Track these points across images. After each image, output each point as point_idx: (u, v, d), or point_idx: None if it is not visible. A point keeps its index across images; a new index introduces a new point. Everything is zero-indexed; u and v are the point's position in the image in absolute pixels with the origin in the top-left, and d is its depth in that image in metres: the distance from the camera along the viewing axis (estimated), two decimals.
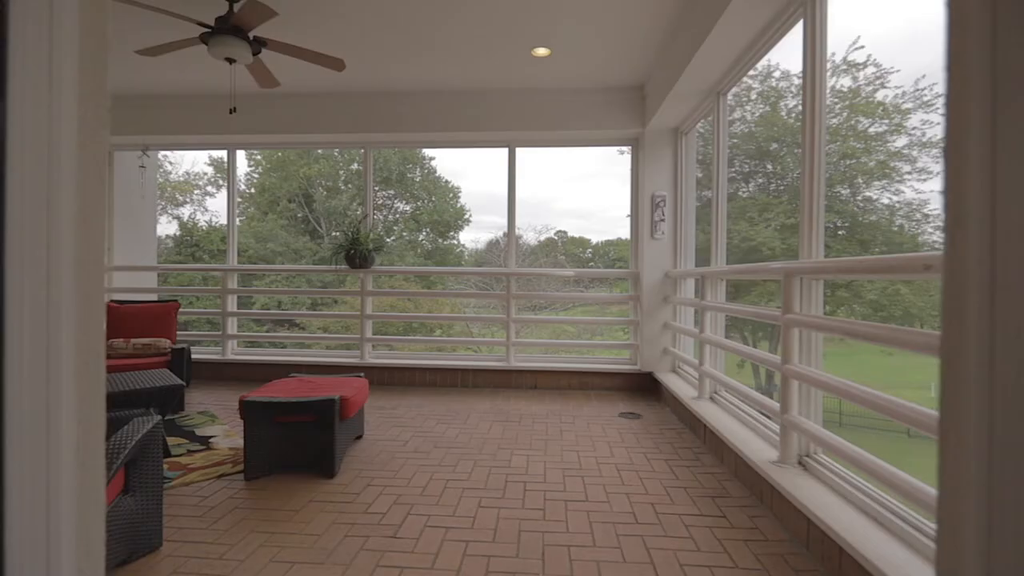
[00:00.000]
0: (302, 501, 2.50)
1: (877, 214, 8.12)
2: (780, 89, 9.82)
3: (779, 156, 10.13)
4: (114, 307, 4.57)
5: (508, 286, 5.02)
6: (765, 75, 9.34)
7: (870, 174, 8.28)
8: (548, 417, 3.97)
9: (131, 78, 4.58)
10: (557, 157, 14.06)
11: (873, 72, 7.94)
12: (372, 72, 4.39)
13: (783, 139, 10.03)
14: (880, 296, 7.36)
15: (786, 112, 9.91)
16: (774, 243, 8.87)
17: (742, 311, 3.15)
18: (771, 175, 10.36)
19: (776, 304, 2.59)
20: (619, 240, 13.24)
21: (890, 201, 7.94)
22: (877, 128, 8.13)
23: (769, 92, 9.76)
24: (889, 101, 7.69)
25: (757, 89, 9.58)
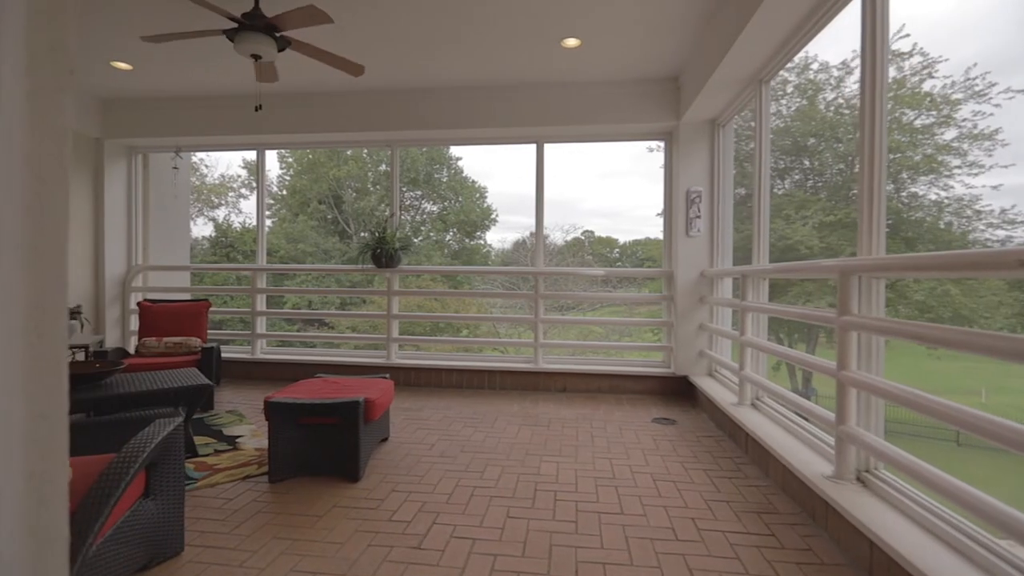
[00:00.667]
0: (326, 506, 2.43)
1: (924, 211, 7.69)
2: (818, 82, 9.41)
3: (817, 151, 9.71)
4: (147, 306, 4.63)
5: (536, 286, 4.89)
6: (802, 67, 8.96)
7: (916, 169, 7.83)
8: (578, 422, 3.83)
9: (163, 81, 4.63)
10: (584, 156, 13.86)
11: (920, 61, 7.50)
12: (397, 69, 4.32)
13: (821, 134, 9.61)
14: (928, 297, 6.96)
15: (824, 106, 9.49)
16: (812, 241, 8.49)
17: (788, 312, 2.94)
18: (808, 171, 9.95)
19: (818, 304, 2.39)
20: (647, 240, 12.96)
21: (938, 197, 7.49)
22: (924, 120, 7.69)
23: (806, 85, 9.36)
24: (937, 92, 7.25)
25: (794, 82, 9.21)
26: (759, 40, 2.94)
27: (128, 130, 5.17)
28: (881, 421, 2.12)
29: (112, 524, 1.66)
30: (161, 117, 5.11)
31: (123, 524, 1.72)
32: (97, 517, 1.45)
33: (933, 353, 6.78)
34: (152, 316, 4.56)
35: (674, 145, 4.67)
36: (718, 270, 4.25)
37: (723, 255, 4.37)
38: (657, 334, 10.33)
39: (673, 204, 4.67)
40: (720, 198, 4.39)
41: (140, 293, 5.43)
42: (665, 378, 4.60)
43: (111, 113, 5.16)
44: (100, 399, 2.81)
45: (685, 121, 4.41)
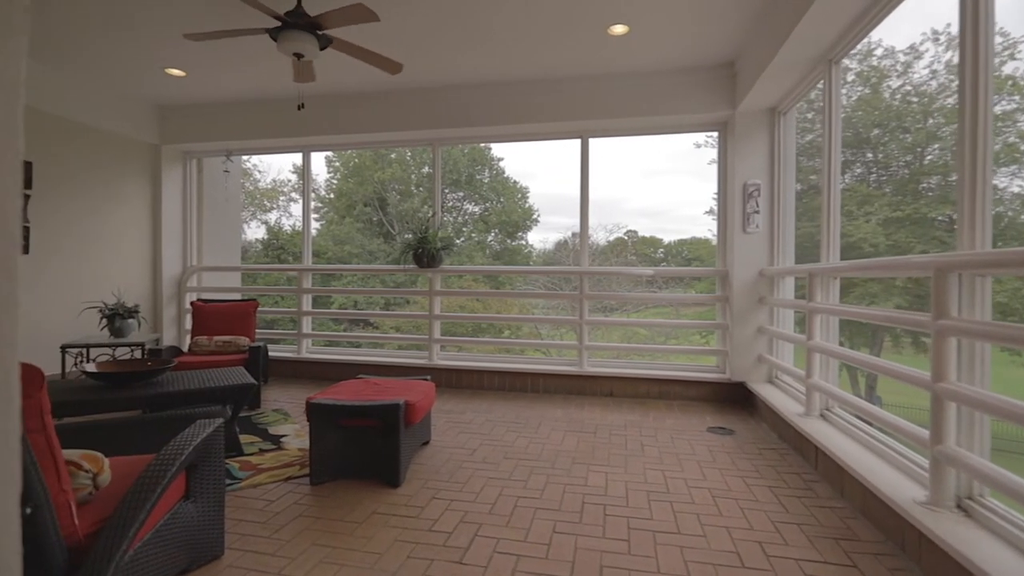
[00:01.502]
0: (365, 512, 2.35)
1: (1004, 205, 7.02)
2: (883, 68, 8.77)
3: (881, 143, 9.07)
4: (199, 306, 4.76)
5: (581, 286, 4.71)
6: (865, 54, 8.37)
7: (995, 159, 7.15)
8: (626, 429, 3.63)
9: (214, 86, 4.76)
10: (627, 155, 13.51)
11: (1000, 43, 6.84)
12: (438, 66, 4.26)
13: (886, 124, 8.96)
14: (1011, 299, 6.33)
15: (890, 94, 8.84)
16: (877, 239, 7.91)
17: (869, 315, 2.65)
18: (872, 164, 9.30)
19: (884, 306, 2.10)
20: (693, 239, 12.51)
21: (1020, 189, 6.82)
22: (1005, 106, 7.01)
23: (869, 72, 8.75)
24: (1020, 75, 6.58)
25: (855, 69, 8.61)
26: (831, 14, 2.66)
27: (183, 135, 5.36)
28: (987, 441, 1.84)
29: (151, 527, 1.62)
30: (213, 121, 5.26)
31: (163, 527, 1.69)
32: (132, 522, 1.41)
33: (1017, 359, 6.16)
34: (203, 315, 4.68)
35: (729, 136, 4.39)
36: (780, 268, 3.94)
37: (784, 253, 4.06)
38: (705, 337, 9.90)
39: (728, 199, 4.38)
40: (781, 191, 4.08)
41: (194, 293, 5.62)
42: (720, 384, 4.32)
43: (167, 119, 5.37)
44: (152, 396, 2.86)
45: (742, 110, 4.13)
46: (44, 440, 1.26)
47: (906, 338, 7.84)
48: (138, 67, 4.33)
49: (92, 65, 4.29)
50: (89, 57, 4.13)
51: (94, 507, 1.48)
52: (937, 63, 8.00)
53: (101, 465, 1.54)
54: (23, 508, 1.17)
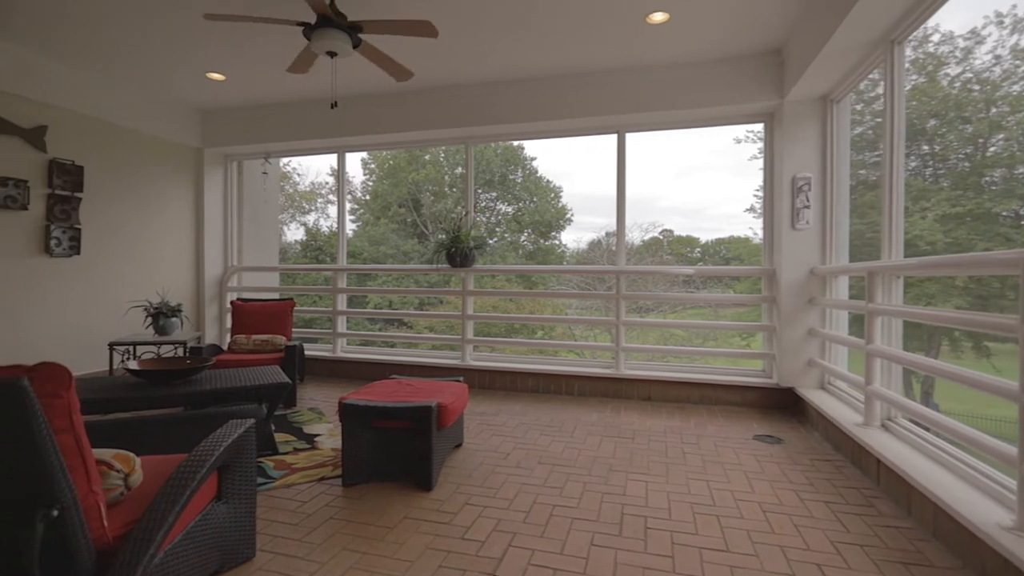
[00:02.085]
0: (397, 517, 2.30)
1: None
2: (940, 55, 8.23)
3: (938, 134, 8.52)
4: (239, 305, 4.86)
5: (617, 285, 4.56)
6: (921, 40, 7.86)
7: None
8: (666, 435, 3.47)
9: (252, 89, 4.84)
10: (662, 152, 13.14)
11: None
12: (469, 62, 4.19)
13: (944, 114, 8.41)
14: None
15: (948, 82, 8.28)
16: (934, 236, 7.42)
17: (940, 317, 2.42)
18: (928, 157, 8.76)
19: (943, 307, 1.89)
20: (732, 238, 12.11)
21: None
22: None
23: (925, 60, 8.22)
24: None
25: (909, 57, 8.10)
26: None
27: (223, 139, 5.48)
28: None
29: (182, 528, 1.60)
30: (251, 124, 5.37)
31: (194, 528, 1.66)
32: (161, 525, 1.38)
33: None
34: (242, 314, 4.77)
35: (776, 127, 4.16)
36: (835, 267, 3.70)
37: (837, 250, 3.80)
38: (746, 339, 9.51)
39: (775, 194, 4.15)
40: (834, 185, 3.83)
41: (235, 293, 5.75)
42: (766, 389, 4.09)
43: (209, 123, 5.51)
44: (191, 394, 2.89)
45: (790, 99, 3.89)
46: (73, 440, 1.24)
47: (966, 341, 7.32)
48: (181, 72, 4.44)
49: (138, 72, 4.42)
50: (135, 64, 4.26)
51: (125, 508, 1.47)
52: (1001, 47, 7.43)
53: (132, 465, 1.53)
54: (49, 510, 1.15)
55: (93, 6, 3.35)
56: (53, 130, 4.18)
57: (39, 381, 1.16)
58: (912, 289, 6.84)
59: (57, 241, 4.23)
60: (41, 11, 3.42)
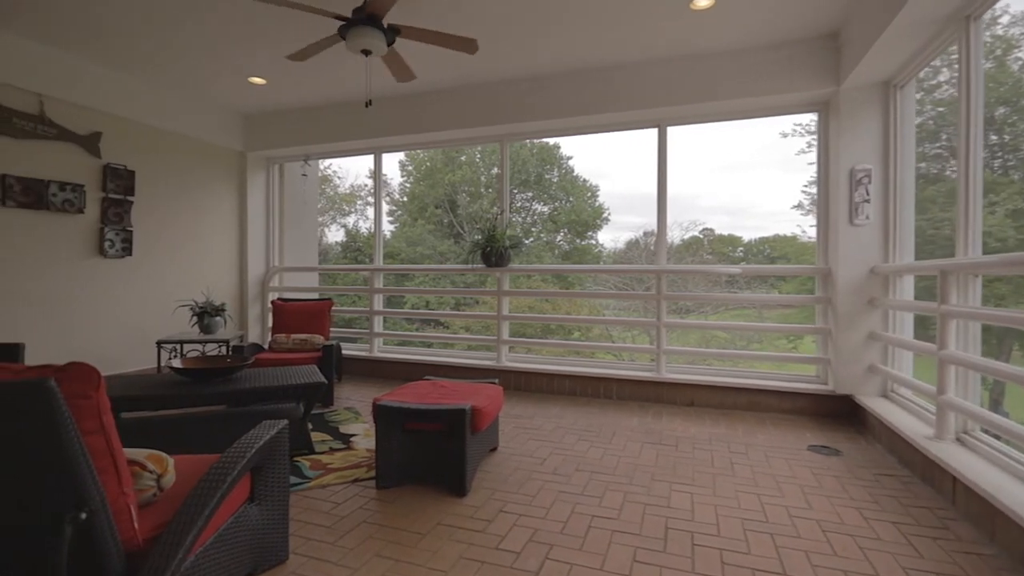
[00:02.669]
0: (430, 522, 2.23)
1: None
2: (1010, 38, 7.60)
3: (1008, 123, 7.87)
4: (279, 305, 4.94)
5: (659, 285, 4.38)
6: (989, 22, 7.28)
7: None
8: (711, 443, 3.28)
9: (292, 92, 4.92)
10: (703, 149, 12.66)
11: None
12: (504, 58, 4.11)
13: (1015, 101, 7.76)
14: None
15: (1020, 66, 7.64)
16: (1005, 232, 6.85)
17: None
18: (996, 148, 8.11)
19: None
20: (777, 236, 11.60)
21: None
22: None
23: (993, 43, 7.60)
24: None
25: None
26: None
27: (265, 142, 5.61)
28: None
29: (214, 530, 1.58)
30: (291, 127, 5.47)
31: (226, 530, 1.64)
32: (191, 528, 1.35)
33: None
34: (282, 314, 4.85)
35: (832, 117, 3.89)
36: (900, 265, 3.42)
37: (901, 247, 3.52)
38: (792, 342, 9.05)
39: (830, 188, 3.89)
40: (898, 177, 3.54)
41: (276, 292, 5.87)
42: (820, 396, 3.83)
43: (251, 127, 5.65)
44: (230, 392, 2.92)
45: (848, 86, 3.63)
46: (103, 441, 1.22)
47: None
48: (224, 77, 4.56)
49: (185, 78, 4.57)
50: (182, 71, 4.40)
51: (157, 510, 1.45)
52: None
53: (165, 466, 1.51)
54: (78, 513, 1.13)
55: (142, 15, 3.46)
56: (107, 136, 4.36)
57: (68, 382, 1.14)
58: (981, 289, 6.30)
59: (111, 243, 4.41)
60: (96, 22, 3.56)
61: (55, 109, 4.02)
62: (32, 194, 3.89)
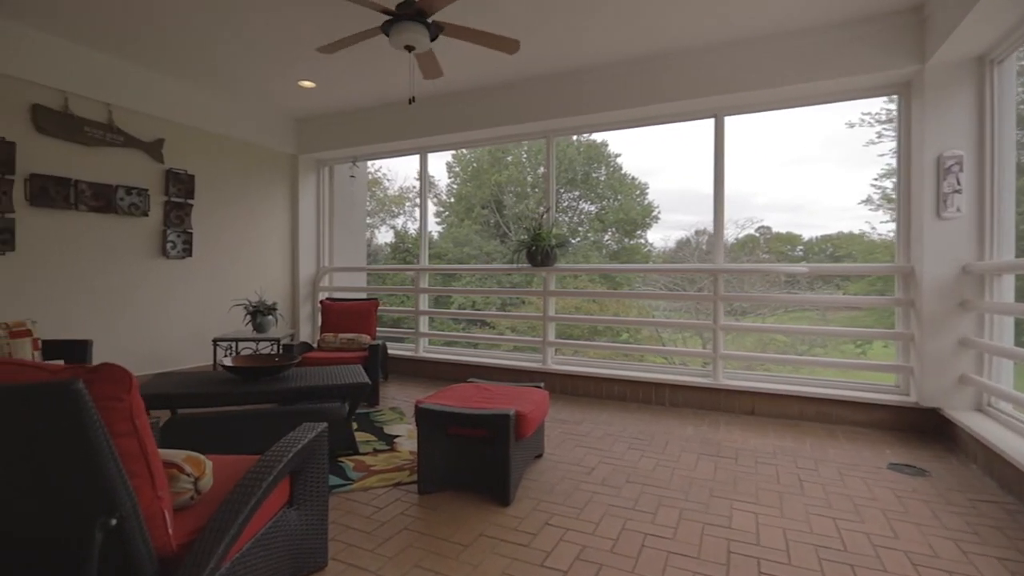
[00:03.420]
0: (472, 533, 2.14)
1: None
2: None
3: None
4: (327, 304, 5.02)
5: (715, 286, 4.12)
6: None
7: None
8: (776, 457, 3.02)
9: (340, 95, 4.98)
10: (759, 144, 11.98)
11: None
12: (550, 50, 3.97)
13: None
14: None
15: None
16: None
17: None
18: None
19: None
20: (841, 234, 10.83)
21: None
22: None
23: None
24: None
25: None
26: None
27: (316, 145, 5.73)
28: None
29: (251, 535, 1.54)
30: (340, 129, 5.56)
31: (264, 535, 1.60)
32: (225, 534, 1.31)
33: None
34: (330, 313, 4.92)
35: (914, 99, 3.52)
36: (1001, 263, 3.03)
37: (1000, 243, 3.12)
38: (861, 347, 8.39)
39: (913, 177, 3.51)
40: (995, 164, 3.15)
41: (326, 292, 5.99)
42: (901, 408, 3.47)
43: (303, 130, 5.79)
44: (277, 391, 2.94)
45: (935, 63, 3.26)
46: (136, 444, 1.19)
47: None
48: (276, 82, 4.67)
49: (239, 84, 4.72)
50: (237, 77, 4.54)
51: (193, 513, 1.42)
52: None
53: (203, 468, 1.48)
54: (108, 519, 1.09)
55: (201, 25, 3.56)
56: (169, 142, 4.55)
57: (99, 383, 1.11)
58: None
59: (172, 244, 4.61)
60: (160, 34, 3.71)
61: (122, 117, 4.23)
62: (102, 198, 4.10)
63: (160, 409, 2.81)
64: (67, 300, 3.92)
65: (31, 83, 3.69)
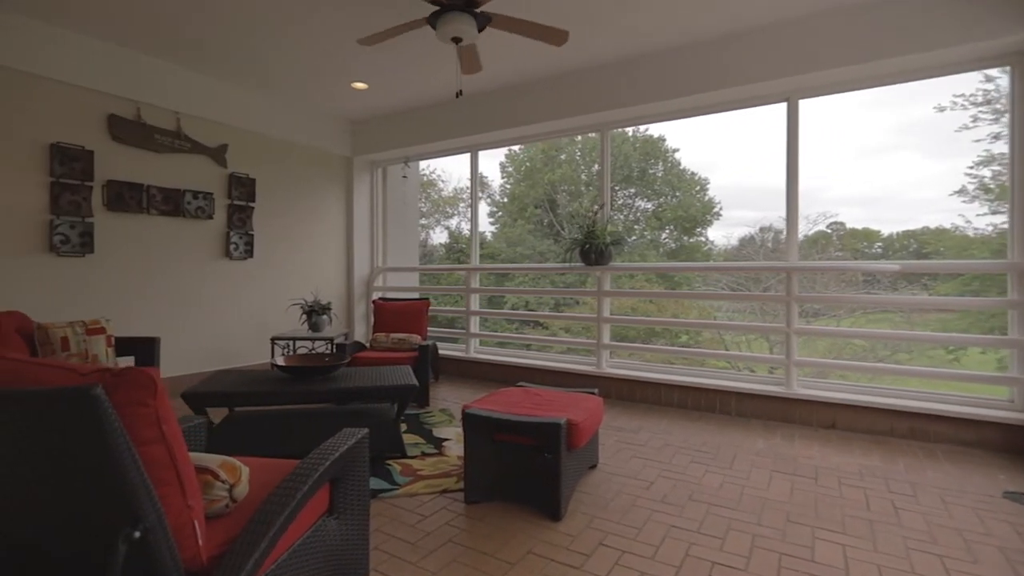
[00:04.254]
0: (520, 550, 1.99)
1: None
2: None
3: None
4: (380, 304, 5.04)
5: (788, 285, 3.76)
6: None
7: None
8: (864, 478, 2.68)
9: (391, 95, 5.00)
10: (831, 133, 11.04)
11: None
12: (600, 39, 3.76)
13: None
14: None
15: None
16: None
17: None
18: None
19: None
20: (926, 229, 9.81)
21: None
22: None
23: None
24: None
25: None
26: None
27: (369, 146, 5.80)
28: None
29: (287, 547, 1.47)
30: (392, 130, 5.59)
31: (302, 545, 1.53)
32: (254, 549, 1.23)
33: None
34: (383, 313, 4.94)
35: None
36: None
37: None
38: (953, 354, 7.53)
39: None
40: None
41: (380, 292, 6.05)
42: (1016, 427, 3.00)
43: (357, 133, 5.87)
44: (327, 391, 2.93)
45: None
46: (164, 451, 1.13)
47: None
48: (330, 85, 4.74)
49: (296, 89, 4.83)
50: (293, 83, 4.65)
51: (227, 523, 1.36)
52: None
53: (239, 475, 1.43)
54: (132, 530, 1.03)
55: (258, 31, 3.64)
56: (232, 147, 4.72)
57: (123, 389, 1.05)
58: None
59: (235, 246, 4.77)
60: (223, 43, 3.83)
61: (189, 125, 4.42)
62: (171, 202, 4.30)
63: (215, 407, 2.87)
64: (138, 299, 4.13)
65: (107, 95, 3.91)
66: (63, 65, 3.66)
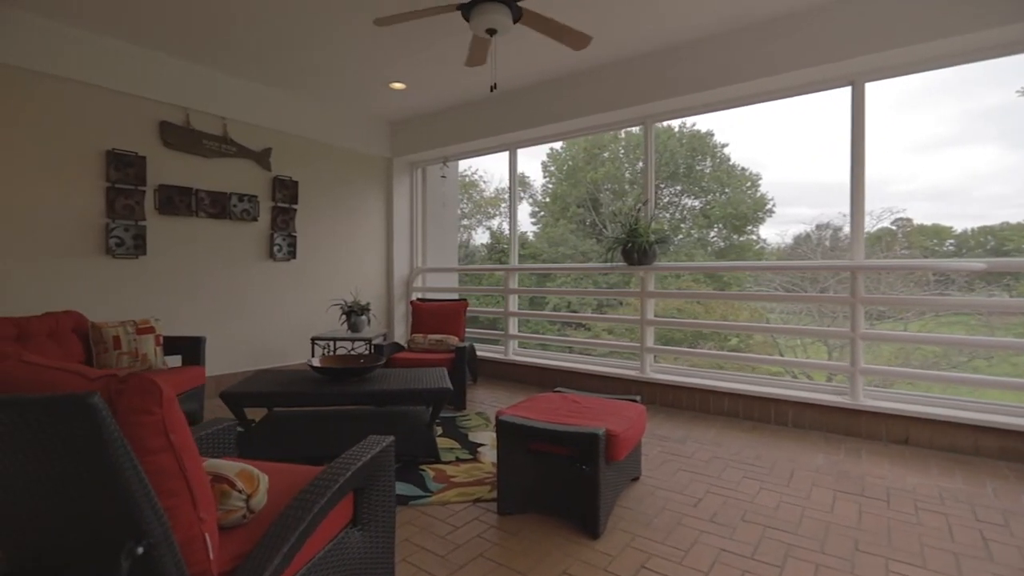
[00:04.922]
0: (554, 569, 1.86)
1: None
2: None
3: None
4: (417, 305, 5.02)
5: (853, 285, 3.44)
6: None
7: None
8: (945, 503, 2.38)
9: (429, 95, 4.96)
10: (895, 123, 10.17)
11: None
12: (642, 26, 3.57)
13: None
14: None
15: None
16: None
17: None
18: None
19: None
20: (1006, 225, 8.92)
21: None
22: None
23: None
24: None
25: None
26: None
27: (408, 147, 5.80)
28: None
29: (309, 558, 1.40)
30: (431, 130, 5.56)
31: (323, 558, 1.46)
32: (267, 566, 1.16)
33: None
34: (421, 314, 4.91)
35: None
36: None
37: None
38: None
39: None
40: None
41: (419, 292, 6.05)
42: None
43: (396, 134, 5.89)
44: (360, 393, 2.90)
45: None
46: (173, 460, 1.07)
47: None
48: (369, 87, 4.75)
49: (337, 92, 4.88)
50: (334, 85, 4.69)
51: (244, 535, 1.30)
52: None
53: (256, 484, 1.37)
54: (135, 545, 0.98)
55: (298, 35, 3.67)
56: (276, 151, 4.82)
57: (126, 396, 1.00)
58: None
59: (279, 247, 4.87)
60: (267, 48, 3.89)
61: (235, 129, 4.53)
62: (218, 205, 4.42)
63: (252, 407, 2.88)
64: (186, 299, 4.27)
65: (159, 102, 4.05)
66: (118, 75, 3.81)
